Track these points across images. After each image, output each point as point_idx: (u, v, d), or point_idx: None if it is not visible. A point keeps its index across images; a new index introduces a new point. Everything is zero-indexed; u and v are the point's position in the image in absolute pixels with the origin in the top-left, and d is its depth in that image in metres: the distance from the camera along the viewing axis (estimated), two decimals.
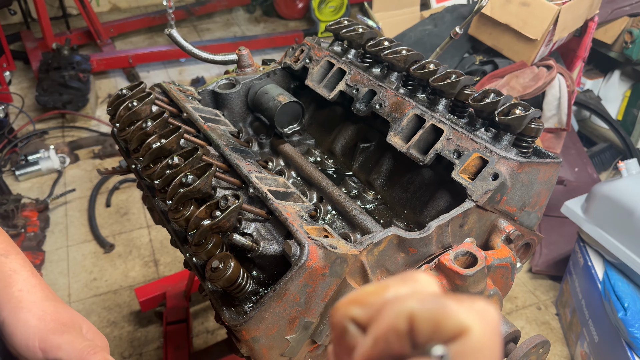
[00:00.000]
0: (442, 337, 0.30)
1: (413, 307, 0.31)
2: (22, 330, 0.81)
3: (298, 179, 1.19)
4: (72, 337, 0.82)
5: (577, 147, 3.09)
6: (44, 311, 0.83)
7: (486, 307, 0.32)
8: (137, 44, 4.99)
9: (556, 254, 2.60)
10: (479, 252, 0.90)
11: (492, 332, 0.31)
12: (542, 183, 1.04)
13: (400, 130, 1.10)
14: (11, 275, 0.86)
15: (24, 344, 0.81)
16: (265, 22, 5.52)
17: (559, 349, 2.33)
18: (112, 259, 2.74)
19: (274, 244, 0.88)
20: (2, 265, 0.87)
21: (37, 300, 0.85)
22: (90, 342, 0.82)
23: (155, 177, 0.95)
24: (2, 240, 0.91)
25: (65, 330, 0.82)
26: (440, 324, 0.30)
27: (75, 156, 3.48)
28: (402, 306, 0.31)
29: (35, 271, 0.90)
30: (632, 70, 3.29)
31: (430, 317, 0.30)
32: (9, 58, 3.97)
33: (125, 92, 1.16)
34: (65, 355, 0.80)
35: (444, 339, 0.30)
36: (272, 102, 1.27)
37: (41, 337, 0.80)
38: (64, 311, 0.86)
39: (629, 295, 1.93)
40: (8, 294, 0.84)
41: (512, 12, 2.47)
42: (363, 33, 1.26)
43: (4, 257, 0.88)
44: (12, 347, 0.83)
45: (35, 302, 0.84)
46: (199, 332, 2.36)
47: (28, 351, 0.81)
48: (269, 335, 0.83)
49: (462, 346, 0.30)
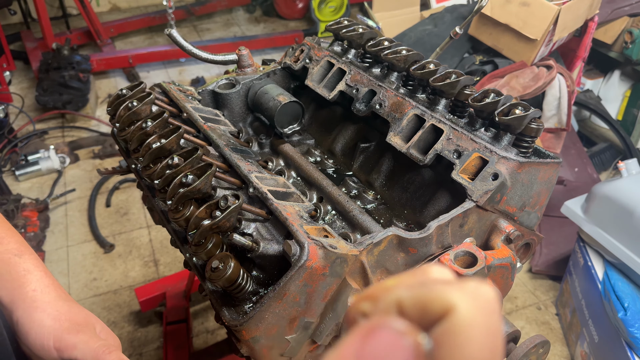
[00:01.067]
0: (429, 319, 0.29)
1: (400, 294, 0.30)
2: (36, 330, 0.81)
3: (298, 179, 1.19)
4: (87, 336, 0.82)
5: (577, 147, 3.09)
6: (58, 311, 0.83)
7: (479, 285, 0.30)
8: (137, 44, 4.99)
9: (556, 254, 2.60)
10: (479, 252, 0.90)
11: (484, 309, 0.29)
12: (542, 183, 1.04)
13: (400, 130, 1.10)
14: (25, 275, 0.86)
15: (38, 343, 0.81)
16: (265, 22, 5.52)
17: (559, 349, 2.33)
18: (112, 259, 2.74)
19: (274, 244, 0.88)
20: (15, 266, 0.87)
21: (51, 300, 0.85)
22: (105, 342, 0.83)
23: (155, 177, 0.95)
24: (15, 240, 0.91)
25: (80, 329, 0.82)
26: (427, 307, 0.29)
27: (75, 156, 3.48)
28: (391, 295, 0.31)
29: (49, 271, 0.90)
30: (632, 70, 3.29)
31: (416, 302, 0.30)
32: (9, 58, 3.97)
33: (125, 92, 1.16)
34: (80, 354, 0.80)
35: (431, 320, 0.29)
36: (272, 102, 1.27)
37: (56, 337, 0.81)
38: (78, 311, 0.86)
39: (629, 295, 1.93)
40: (22, 294, 0.84)
41: (512, 12, 2.47)
42: (363, 33, 1.26)
43: (18, 257, 0.88)
44: (27, 346, 0.83)
45: (50, 302, 0.85)
46: (199, 332, 2.36)
47: (43, 351, 0.81)
48: (269, 335, 0.83)
49: (447, 325, 0.28)
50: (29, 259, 0.89)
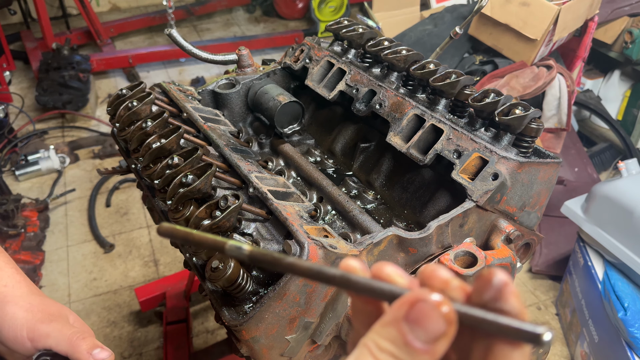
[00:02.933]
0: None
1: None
2: (9, 322, 0.82)
3: (298, 179, 1.19)
4: (60, 325, 0.82)
5: (577, 147, 3.09)
6: (30, 303, 0.84)
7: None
8: (137, 44, 4.99)
9: (556, 254, 2.60)
10: (479, 252, 0.90)
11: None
12: (542, 183, 1.04)
13: (400, 130, 1.10)
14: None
15: (12, 335, 0.81)
16: (265, 22, 5.52)
17: (559, 349, 2.33)
18: (112, 259, 2.74)
19: (274, 244, 0.88)
20: None
21: (23, 294, 0.85)
22: (78, 329, 0.83)
23: (155, 177, 0.95)
24: None
25: (52, 319, 0.83)
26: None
27: (75, 156, 3.48)
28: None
29: (19, 269, 0.91)
30: (632, 70, 3.29)
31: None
32: (9, 58, 3.97)
33: (125, 92, 1.16)
34: (54, 342, 0.80)
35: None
36: (272, 102, 1.27)
37: (29, 327, 0.81)
38: (51, 303, 0.87)
39: (629, 295, 1.93)
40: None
41: (512, 12, 2.47)
42: (363, 33, 1.26)
43: None
44: (1, 341, 0.83)
45: (21, 296, 0.85)
46: (199, 332, 2.36)
47: (17, 342, 0.81)
48: (269, 335, 0.83)
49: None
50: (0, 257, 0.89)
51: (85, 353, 0.79)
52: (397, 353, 0.35)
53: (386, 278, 0.38)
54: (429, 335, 0.35)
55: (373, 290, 0.37)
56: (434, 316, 0.35)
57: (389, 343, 0.36)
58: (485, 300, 0.36)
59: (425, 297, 0.35)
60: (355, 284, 0.37)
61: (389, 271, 0.39)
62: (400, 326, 0.35)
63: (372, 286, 0.37)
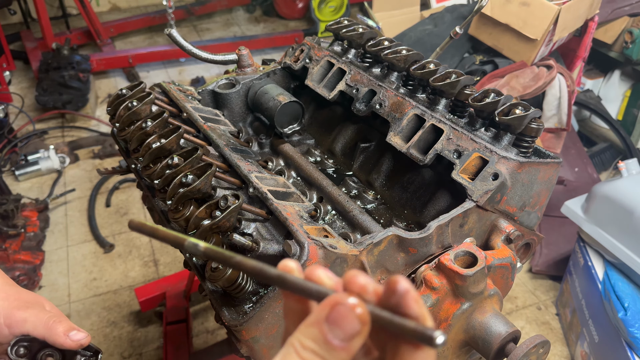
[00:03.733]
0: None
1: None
2: None
3: (298, 179, 1.19)
4: (37, 310, 0.83)
5: (577, 147, 3.09)
6: (6, 293, 0.84)
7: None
8: (137, 44, 4.99)
9: (556, 254, 2.60)
10: (479, 252, 0.90)
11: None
12: (542, 183, 1.04)
13: (400, 130, 1.09)
14: None
15: None
16: (265, 22, 5.52)
17: (559, 349, 2.33)
18: (112, 259, 2.74)
19: (274, 244, 0.88)
20: None
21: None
22: (54, 313, 0.83)
23: (155, 177, 0.95)
24: None
25: (29, 306, 0.83)
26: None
27: (75, 156, 3.48)
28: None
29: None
30: (632, 70, 3.29)
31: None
32: (9, 58, 3.96)
33: (125, 92, 1.16)
34: (31, 327, 0.81)
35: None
36: (272, 102, 1.27)
37: (6, 314, 0.81)
38: (26, 293, 0.87)
39: (629, 295, 1.93)
40: None
41: (512, 12, 2.47)
42: (363, 33, 1.26)
43: None
44: None
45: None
46: (199, 332, 2.36)
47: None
48: (269, 335, 0.83)
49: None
50: None
51: (62, 335, 0.80)
52: (318, 350, 0.40)
53: (317, 280, 0.43)
54: (345, 334, 0.39)
55: (304, 290, 0.42)
56: (350, 317, 0.39)
57: (312, 342, 0.40)
58: (391, 305, 0.40)
59: (343, 300, 0.40)
60: (290, 283, 0.42)
61: (320, 273, 0.43)
62: (321, 326, 0.40)
63: (304, 286, 0.42)
